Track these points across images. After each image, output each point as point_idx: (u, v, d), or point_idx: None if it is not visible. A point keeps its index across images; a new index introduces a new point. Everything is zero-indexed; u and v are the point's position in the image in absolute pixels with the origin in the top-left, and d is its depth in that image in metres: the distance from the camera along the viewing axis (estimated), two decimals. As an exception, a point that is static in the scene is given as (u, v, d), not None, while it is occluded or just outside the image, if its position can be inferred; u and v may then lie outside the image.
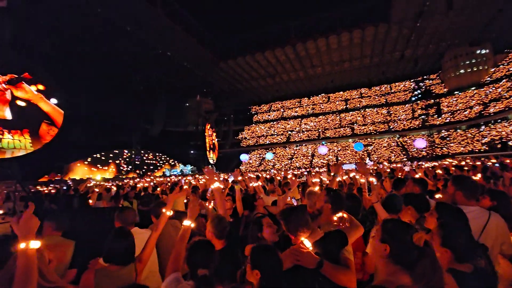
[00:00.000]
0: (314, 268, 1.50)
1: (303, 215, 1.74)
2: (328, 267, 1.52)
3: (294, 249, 1.56)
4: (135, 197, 6.46)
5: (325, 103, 45.11)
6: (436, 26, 26.48)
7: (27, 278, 1.21)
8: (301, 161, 36.59)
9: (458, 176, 2.34)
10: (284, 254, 1.56)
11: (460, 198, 2.07)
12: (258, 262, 1.39)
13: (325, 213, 2.05)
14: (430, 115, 34.57)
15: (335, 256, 1.63)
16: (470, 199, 2.05)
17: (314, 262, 1.50)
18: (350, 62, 34.66)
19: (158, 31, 24.54)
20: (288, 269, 1.51)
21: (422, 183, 3.14)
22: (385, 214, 2.26)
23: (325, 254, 1.57)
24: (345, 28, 27.51)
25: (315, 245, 1.61)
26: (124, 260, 1.74)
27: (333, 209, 2.04)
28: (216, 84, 38.19)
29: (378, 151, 33.79)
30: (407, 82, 40.13)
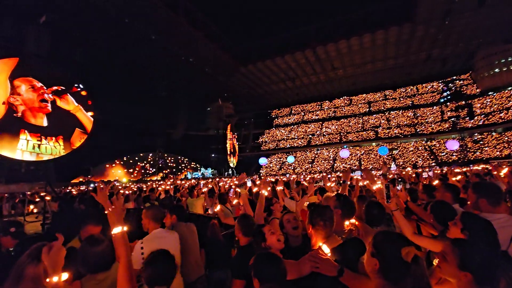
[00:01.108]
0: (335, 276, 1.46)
1: (330, 212, 1.75)
2: (348, 275, 1.46)
3: (313, 255, 1.52)
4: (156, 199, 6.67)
5: (347, 106, 44.03)
6: (466, 24, 25.01)
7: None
8: (322, 165, 35.93)
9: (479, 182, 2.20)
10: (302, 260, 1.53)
11: (485, 206, 1.93)
12: (259, 271, 1.38)
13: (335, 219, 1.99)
14: (461, 117, 32.61)
15: (353, 265, 1.57)
16: (495, 205, 1.92)
17: (335, 269, 1.45)
18: (373, 63, 33.62)
19: (181, 39, 25.36)
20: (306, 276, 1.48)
21: (453, 190, 2.86)
22: (405, 223, 2.13)
23: (344, 262, 1.52)
24: (367, 29, 26.78)
25: (334, 252, 1.57)
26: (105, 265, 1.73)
27: (344, 214, 1.98)
28: (237, 88, 38.64)
29: (404, 155, 32.39)
30: (434, 83, 38.18)
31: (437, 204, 2.13)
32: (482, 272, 1.14)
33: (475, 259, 1.15)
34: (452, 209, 2.02)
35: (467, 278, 1.15)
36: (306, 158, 39.41)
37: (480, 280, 1.13)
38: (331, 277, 1.47)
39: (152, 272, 1.50)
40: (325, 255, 1.53)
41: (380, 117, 39.38)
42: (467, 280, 1.15)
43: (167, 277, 1.50)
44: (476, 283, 1.13)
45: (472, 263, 1.15)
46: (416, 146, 33.38)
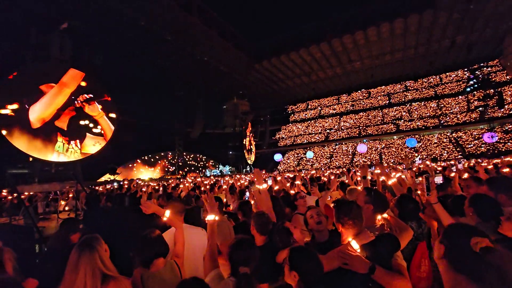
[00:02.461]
0: (366, 273, 1.44)
1: (357, 208, 1.72)
2: (380, 272, 1.43)
3: (342, 251, 1.50)
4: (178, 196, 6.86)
5: (366, 98, 42.81)
6: (493, 7, 23.47)
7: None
8: (341, 160, 35.31)
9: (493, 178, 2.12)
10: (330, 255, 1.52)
11: (505, 201, 1.86)
12: (297, 264, 1.39)
13: (366, 215, 1.95)
14: (489, 107, 30.79)
15: (386, 262, 1.54)
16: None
17: (366, 266, 1.43)
18: (391, 54, 32.39)
19: (195, 38, 25.69)
20: (334, 271, 1.47)
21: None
22: (446, 215, 2.05)
23: (375, 259, 1.49)
24: (385, 18, 25.78)
25: (364, 249, 1.54)
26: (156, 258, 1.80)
27: (375, 210, 1.94)
28: (252, 85, 38.64)
29: (428, 148, 31.14)
30: (459, 71, 36.21)
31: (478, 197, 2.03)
32: None
33: None
34: (495, 202, 1.92)
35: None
36: (324, 153, 38.86)
37: None
38: (362, 274, 1.45)
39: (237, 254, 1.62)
40: (354, 251, 1.51)
41: (402, 109, 37.99)
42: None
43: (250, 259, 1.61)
44: None
45: None
46: (440, 138, 31.97)
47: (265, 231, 2.17)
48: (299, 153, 41.12)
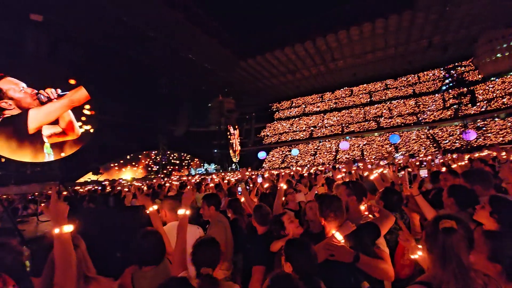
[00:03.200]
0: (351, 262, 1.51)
1: (337, 201, 1.78)
2: (364, 260, 1.52)
3: (328, 243, 1.57)
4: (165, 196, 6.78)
5: (348, 96, 43.83)
6: (467, 9, 24.65)
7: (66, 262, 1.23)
8: (325, 157, 35.97)
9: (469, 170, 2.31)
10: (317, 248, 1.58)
11: (480, 191, 2.05)
12: (291, 255, 1.45)
13: (352, 206, 2.03)
14: (463, 104, 32.37)
15: (368, 249, 1.64)
16: (489, 189, 2.06)
17: (351, 256, 1.51)
18: (373, 53, 33.29)
19: (179, 35, 25.21)
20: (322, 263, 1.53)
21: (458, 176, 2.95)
22: (427, 206, 2.17)
23: (359, 247, 1.57)
24: (366, 18, 26.45)
25: (348, 239, 1.63)
26: (155, 259, 1.72)
27: (358, 199, 2.03)
28: (237, 83, 38.48)
29: (407, 144, 32.34)
30: (436, 70, 37.87)
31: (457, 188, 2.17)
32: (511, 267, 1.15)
33: (507, 252, 1.17)
34: (473, 192, 2.07)
35: (497, 269, 1.17)
36: (308, 150, 39.43)
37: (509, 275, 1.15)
38: (348, 264, 1.53)
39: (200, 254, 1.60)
40: (339, 242, 1.58)
41: (382, 107, 39.21)
42: (496, 271, 1.17)
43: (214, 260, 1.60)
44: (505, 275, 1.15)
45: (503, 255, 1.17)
46: (418, 134, 33.29)
47: (265, 222, 2.28)
48: (284, 151, 41.48)
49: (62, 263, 1.22)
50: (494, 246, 1.20)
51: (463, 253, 1.02)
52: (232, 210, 3.21)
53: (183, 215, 1.86)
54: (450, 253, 1.02)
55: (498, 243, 1.20)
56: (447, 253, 1.03)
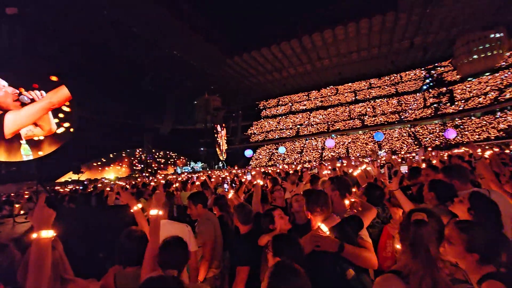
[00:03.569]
0: (336, 251, 1.55)
1: (324, 196, 1.81)
2: (349, 249, 1.57)
3: (314, 234, 1.60)
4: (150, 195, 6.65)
5: (334, 95, 44.56)
6: (446, 11, 25.60)
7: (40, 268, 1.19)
8: (311, 154, 36.42)
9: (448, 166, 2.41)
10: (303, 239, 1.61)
11: (458, 186, 2.14)
12: (279, 250, 1.45)
13: (335, 200, 2.07)
14: (442, 104, 33.67)
15: (352, 240, 1.69)
16: (466, 183, 2.17)
17: (336, 245, 1.55)
18: (358, 53, 34.00)
19: (165, 31, 24.72)
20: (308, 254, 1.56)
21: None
22: (406, 200, 2.24)
23: (343, 238, 1.62)
24: (351, 18, 26.94)
25: (333, 230, 1.66)
26: (139, 259, 1.64)
27: (341, 194, 2.07)
28: (224, 80, 38.25)
29: (390, 142, 33.27)
30: (417, 70, 39.15)
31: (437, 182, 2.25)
32: (488, 252, 1.23)
33: (481, 241, 1.24)
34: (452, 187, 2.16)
35: (474, 258, 1.24)
36: (295, 148, 39.80)
37: (485, 260, 1.22)
38: (333, 253, 1.56)
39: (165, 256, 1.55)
40: (324, 233, 1.61)
41: (366, 105, 40.11)
42: (473, 260, 1.24)
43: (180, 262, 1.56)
44: (481, 263, 1.22)
45: (479, 245, 1.23)
46: (401, 132, 34.32)
47: (248, 221, 2.25)
48: (270, 149, 41.67)
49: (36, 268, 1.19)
50: (469, 237, 1.26)
51: (432, 244, 1.09)
52: (218, 207, 3.19)
53: (155, 215, 1.78)
54: (419, 244, 1.09)
55: (472, 234, 1.27)
56: (417, 243, 1.10)
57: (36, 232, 1.23)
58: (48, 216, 1.30)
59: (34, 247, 1.21)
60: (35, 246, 1.21)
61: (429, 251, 1.08)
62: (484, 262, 1.22)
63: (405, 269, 1.10)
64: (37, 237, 1.22)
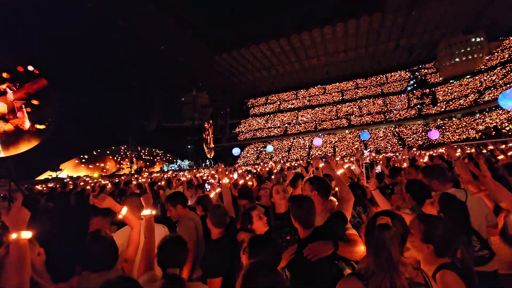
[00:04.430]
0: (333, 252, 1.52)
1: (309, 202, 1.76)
2: (341, 246, 1.55)
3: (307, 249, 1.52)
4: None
5: (322, 94, 45.04)
6: (430, 14, 26.37)
7: (20, 269, 1.18)
8: (298, 153, 36.70)
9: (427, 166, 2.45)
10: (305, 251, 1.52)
11: (437, 186, 2.17)
12: (255, 252, 1.40)
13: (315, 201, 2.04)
14: (425, 104, 34.69)
15: (341, 236, 1.67)
16: (445, 183, 2.18)
17: (330, 247, 1.52)
18: (345, 52, 34.51)
19: (152, 26, 24.19)
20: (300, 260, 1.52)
21: None
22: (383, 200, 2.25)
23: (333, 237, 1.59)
24: (339, 18, 27.25)
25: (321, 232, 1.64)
26: (106, 265, 1.57)
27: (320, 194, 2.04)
28: (212, 78, 37.91)
29: (375, 141, 33.97)
30: (402, 71, 40.13)
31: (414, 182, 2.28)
32: (441, 244, 1.27)
33: (436, 233, 1.28)
34: (426, 187, 2.19)
35: (429, 249, 1.28)
36: (282, 146, 39.99)
37: (439, 252, 1.27)
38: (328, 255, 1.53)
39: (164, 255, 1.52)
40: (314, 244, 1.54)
41: (353, 105, 40.78)
42: (428, 251, 1.28)
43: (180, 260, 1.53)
44: (436, 254, 1.27)
45: (433, 236, 1.28)
46: (385, 132, 35.12)
47: (222, 224, 2.12)
48: (258, 147, 41.68)
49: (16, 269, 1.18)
50: (426, 228, 1.30)
51: (394, 248, 1.10)
52: (201, 206, 3.11)
53: (149, 215, 1.77)
54: (382, 248, 1.10)
55: (429, 225, 1.31)
56: (379, 247, 1.11)
57: (16, 232, 1.21)
58: (25, 217, 1.28)
59: (14, 247, 1.19)
60: (15, 246, 1.20)
61: (391, 255, 1.09)
62: (438, 254, 1.27)
63: (367, 271, 1.12)
64: (17, 238, 1.20)
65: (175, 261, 1.50)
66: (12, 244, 1.20)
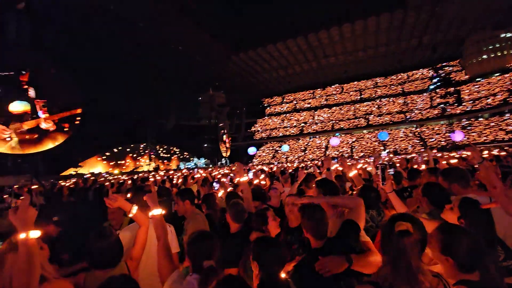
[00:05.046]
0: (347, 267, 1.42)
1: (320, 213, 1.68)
2: (355, 259, 1.44)
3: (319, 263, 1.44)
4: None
5: (339, 93, 44.15)
6: (456, 10, 25.03)
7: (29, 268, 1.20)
8: (314, 153, 36.24)
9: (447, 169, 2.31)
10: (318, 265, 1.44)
11: (458, 190, 2.02)
12: (258, 254, 1.38)
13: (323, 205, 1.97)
14: (449, 104, 33.12)
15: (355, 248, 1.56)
16: (466, 187, 2.03)
17: (343, 263, 1.41)
18: (364, 51, 33.53)
19: (170, 26, 24.67)
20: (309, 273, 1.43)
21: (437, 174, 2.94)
22: (400, 203, 2.14)
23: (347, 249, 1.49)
24: (359, 15, 26.50)
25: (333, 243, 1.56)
26: (110, 262, 1.59)
27: None
28: (228, 77, 38.13)
29: (394, 142, 32.90)
30: (425, 70, 38.51)
31: (432, 186, 2.14)
32: (464, 259, 1.15)
33: (457, 246, 1.16)
34: (445, 191, 2.05)
35: (449, 262, 1.18)
36: (298, 146, 39.63)
37: (461, 266, 1.15)
38: None
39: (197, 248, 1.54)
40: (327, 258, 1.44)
41: (372, 104, 39.69)
42: (449, 264, 1.18)
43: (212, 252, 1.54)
44: (458, 269, 1.15)
45: (453, 249, 1.17)
46: (406, 132, 33.91)
47: (240, 219, 2.22)
48: (274, 146, 41.56)
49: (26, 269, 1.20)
50: (445, 239, 1.20)
51: (414, 257, 1.03)
52: (206, 205, 3.14)
53: (159, 215, 1.77)
54: (401, 256, 1.03)
55: (448, 238, 1.20)
56: (399, 256, 1.03)
57: (24, 232, 1.24)
58: (32, 216, 1.30)
59: (23, 247, 1.22)
60: (24, 246, 1.22)
61: (411, 264, 1.01)
62: (461, 269, 1.15)
63: (385, 280, 1.04)
64: (25, 238, 1.23)
65: (208, 253, 1.51)
66: (21, 244, 1.22)
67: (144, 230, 1.91)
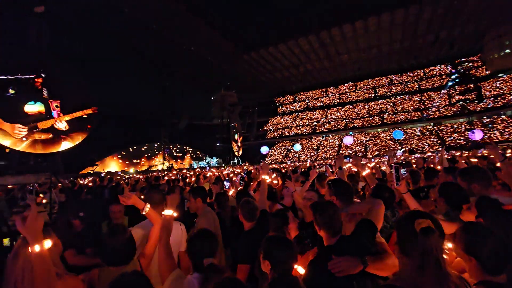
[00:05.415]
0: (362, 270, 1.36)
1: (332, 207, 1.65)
2: (370, 261, 1.38)
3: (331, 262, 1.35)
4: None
5: (352, 91, 43.35)
6: (476, 3, 23.99)
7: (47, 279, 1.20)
8: (327, 152, 35.81)
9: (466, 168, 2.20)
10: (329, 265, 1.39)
11: (478, 190, 1.93)
12: (270, 253, 1.37)
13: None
14: (469, 101, 31.87)
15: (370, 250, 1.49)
16: (487, 188, 1.95)
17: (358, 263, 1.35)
18: (378, 48, 32.73)
19: (181, 27, 24.98)
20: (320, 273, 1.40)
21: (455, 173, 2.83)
22: (415, 205, 2.08)
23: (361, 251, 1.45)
24: (372, 12, 25.87)
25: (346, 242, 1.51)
26: (123, 259, 1.60)
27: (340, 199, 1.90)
28: (240, 76, 38.23)
29: (410, 140, 32.02)
30: (442, 66, 37.17)
31: (449, 185, 2.07)
32: (488, 260, 1.10)
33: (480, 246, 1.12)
34: (463, 191, 1.97)
35: (472, 262, 1.13)
36: (311, 145, 39.27)
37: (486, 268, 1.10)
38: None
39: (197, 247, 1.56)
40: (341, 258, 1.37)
41: (387, 102, 38.74)
42: (472, 264, 1.14)
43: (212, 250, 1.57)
44: (483, 270, 1.11)
45: (476, 249, 1.12)
46: (423, 130, 32.92)
47: (252, 218, 2.21)
48: (286, 145, 41.37)
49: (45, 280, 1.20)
50: (468, 240, 1.16)
51: (441, 255, 0.97)
52: (217, 203, 3.19)
53: (169, 216, 1.79)
54: (429, 256, 0.96)
55: (472, 236, 1.16)
56: (427, 255, 0.96)
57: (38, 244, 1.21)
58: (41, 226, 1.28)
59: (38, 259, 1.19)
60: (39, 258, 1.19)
61: (440, 262, 0.95)
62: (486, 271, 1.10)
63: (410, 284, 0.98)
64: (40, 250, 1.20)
65: (209, 251, 1.52)
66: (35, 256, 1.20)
67: (158, 228, 1.91)
